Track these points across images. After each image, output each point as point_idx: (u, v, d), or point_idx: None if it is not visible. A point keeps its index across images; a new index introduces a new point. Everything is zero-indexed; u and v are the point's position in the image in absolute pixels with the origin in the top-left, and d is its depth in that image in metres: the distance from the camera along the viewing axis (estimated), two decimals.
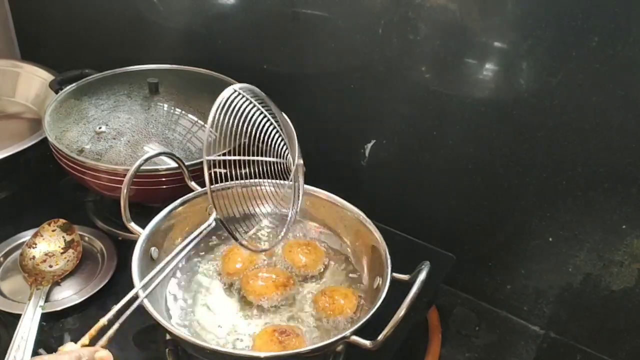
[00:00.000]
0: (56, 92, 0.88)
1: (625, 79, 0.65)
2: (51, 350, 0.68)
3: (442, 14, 0.73)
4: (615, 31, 0.64)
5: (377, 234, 0.66)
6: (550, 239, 0.79)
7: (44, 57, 1.13)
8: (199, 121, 0.82)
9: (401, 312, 0.55)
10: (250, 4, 0.90)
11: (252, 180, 0.66)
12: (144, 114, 0.82)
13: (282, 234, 0.61)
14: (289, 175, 0.61)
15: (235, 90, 0.57)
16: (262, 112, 0.59)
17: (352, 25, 0.81)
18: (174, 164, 0.71)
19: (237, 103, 0.57)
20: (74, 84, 0.88)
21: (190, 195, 0.71)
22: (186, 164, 0.71)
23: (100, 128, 0.80)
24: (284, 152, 0.61)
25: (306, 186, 0.74)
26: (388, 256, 0.63)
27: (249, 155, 0.60)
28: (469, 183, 0.82)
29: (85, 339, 0.49)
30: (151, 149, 0.77)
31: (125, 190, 0.64)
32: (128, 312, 0.51)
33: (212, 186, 0.57)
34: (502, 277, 0.86)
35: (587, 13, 0.64)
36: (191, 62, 0.94)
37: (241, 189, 0.61)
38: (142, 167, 0.65)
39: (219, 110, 0.55)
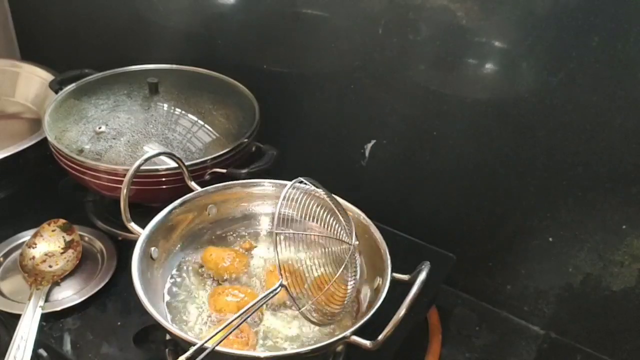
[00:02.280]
0: (56, 92, 0.88)
1: (625, 79, 0.65)
2: (51, 350, 0.68)
3: (442, 14, 0.73)
4: (615, 31, 0.64)
5: (377, 234, 0.66)
6: (551, 239, 0.79)
7: (44, 57, 1.13)
8: (199, 121, 0.82)
9: (401, 312, 0.55)
10: (250, 4, 0.90)
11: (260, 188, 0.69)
12: (144, 114, 0.82)
13: (340, 307, 0.61)
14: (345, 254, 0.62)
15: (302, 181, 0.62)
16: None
17: (352, 25, 0.81)
18: (174, 164, 0.71)
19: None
20: (73, 84, 0.88)
21: (190, 195, 0.71)
22: (186, 164, 0.71)
23: (100, 128, 0.80)
24: (341, 235, 0.63)
25: (306, 186, 0.73)
26: (388, 256, 0.63)
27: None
28: (469, 183, 0.82)
29: None
30: (151, 149, 0.77)
31: (125, 190, 0.64)
32: None
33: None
34: (503, 277, 0.86)
35: (587, 13, 0.64)
36: (191, 62, 0.94)
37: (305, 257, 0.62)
38: (142, 167, 0.65)
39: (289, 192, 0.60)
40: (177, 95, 0.85)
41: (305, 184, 0.62)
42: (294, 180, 0.62)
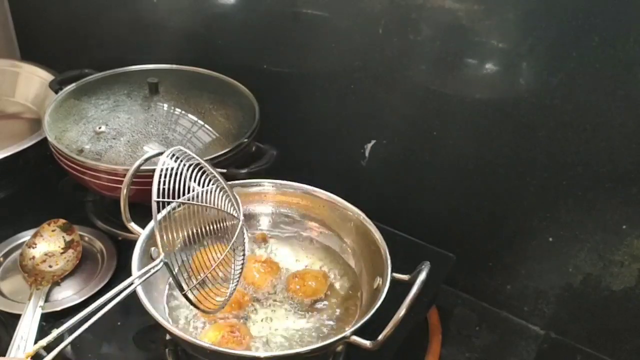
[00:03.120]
0: (56, 92, 0.88)
1: (625, 79, 0.65)
2: (51, 350, 0.68)
3: (443, 14, 0.73)
4: (615, 31, 0.64)
5: (377, 234, 0.66)
6: (551, 239, 0.79)
7: (44, 57, 1.13)
8: (199, 121, 0.82)
9: (401, 312, 0.55)
10: (250, 4, 0.90)
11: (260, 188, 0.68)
12: (144, 114, 0.82)
13: (229, 292, 0.58)
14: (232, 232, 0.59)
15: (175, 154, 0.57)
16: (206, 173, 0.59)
17: (352, 25, 0.81)
18: None
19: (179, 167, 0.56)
20: (73, 84, 0.88)
21: None
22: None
23: (100, 128, 0.80)
24: (229, 208, 0.60)
25: (306, 186, 0.74)
26: (388, 256, 0.63)
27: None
28: (469, 183, 0.82)
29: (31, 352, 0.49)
30: (151, 149, 0.77)
31: (125, 190, 0.64)
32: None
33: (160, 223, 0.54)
34: (503, 277, 0.86)
35: (587, 13, 0.64)
36: (191, 62, 0.94)
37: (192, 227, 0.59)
38: (142, 167, 0.65)
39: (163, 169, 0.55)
40: (177, 95, 0.85)
41: (185, 152, 0.58)
42: (172, 149, 0.57)
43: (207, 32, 0.97)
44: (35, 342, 0.64)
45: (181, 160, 0.57)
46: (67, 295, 0.73)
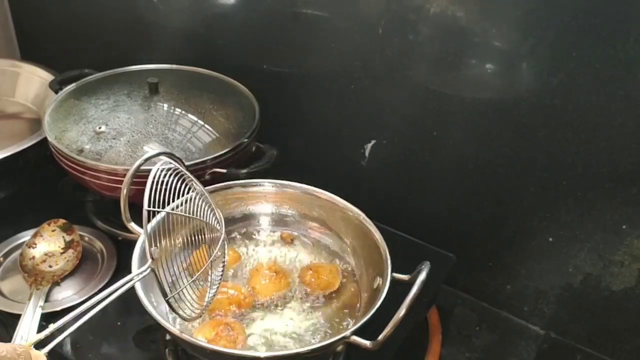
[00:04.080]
0: (56, 92, 0.88)
1: (625, 79, 0.65)
2: (51, 350, 0.68)
3: (443, 14, 0.73)
4: (615, 31, 0.64)
5: (377, 234, 0.66)
6: (551, 239, 0.79)
7: (44, 57, 1.13)
8: (199, 121, 0.82)
9: (401, 312, 0.55)
10: (250, 4, 0.90)
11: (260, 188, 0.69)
12: (144, 114, 0.82)
13: (208, 300, 0.59)
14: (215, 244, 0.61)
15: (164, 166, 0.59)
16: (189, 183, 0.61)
17: (352, 25, 0.81)
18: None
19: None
20: (73, 84, 0.88)
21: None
22: (186, 164, 0.71)
23: (100, 128, 0.80)
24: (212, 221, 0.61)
25: (306, 186, 0.74)
26: (388, 256, 0.63)
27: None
28: (469, 183, 0.82)
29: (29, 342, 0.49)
30: (151, 149, 0.77)
31: (125, 190, 0.64)
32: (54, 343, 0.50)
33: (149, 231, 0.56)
34: (503, 277, 0.86)
35: (587, 13, 0.64)
36: (191, 62, 0.94)
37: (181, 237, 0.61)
38: (142, 167, 0.65)
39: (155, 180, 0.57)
40: (177, 95, 0.85)
41: (172, 164, 0.60)
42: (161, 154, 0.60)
43: (207, 32, 0.97)
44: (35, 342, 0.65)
45: (172, 173, 0.59)
46: (67, 295, 0.73)
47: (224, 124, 0.82)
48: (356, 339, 0.55)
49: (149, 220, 0.55)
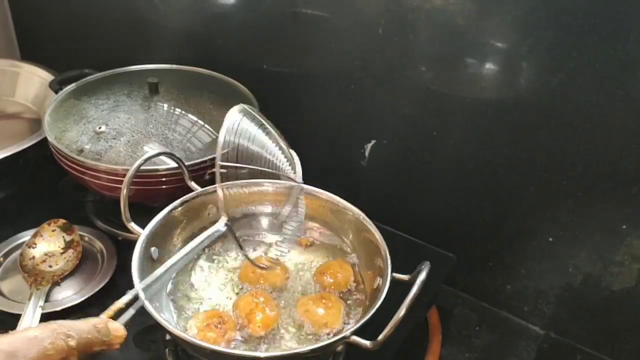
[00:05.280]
0: (56, 92, 0.88)
1: (625, 79, 0.65)
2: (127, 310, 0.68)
3: (443, 15, 0.73)
4: (615, 31, 0.64)
5: (377, 234, 0.66)
6: (551, 239, 0.79)
7: (44, 57, 1.13)
8: (199, 121, 0.82)
9: (401, 312, 0.55)
10: (250, 4, 0.90)
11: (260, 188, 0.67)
12: (144, 114, 0.82)
13: (286, 251, 0.60)
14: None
15: (244, 109, 0.59)
16: (267, 131, 0.61)
17: (352, 25, 0.81)
18: (173, 164, 0.71)
19: (243, 123, 0.59)
20: (73, 84, 0.88)
21: (190, 195, 0.71)
22: (186, 164, 0.71)
23: (100, 128, 0.80)
24: (287, 171, 0.61)
25: (306, 186, 0.74)
26: (388, 256, 0.63)
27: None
28: (469, 183, 0.82)
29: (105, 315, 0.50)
30: (151, 149, 0.77)
31: (125, 190, 0.64)
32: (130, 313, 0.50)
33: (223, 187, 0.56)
34: (503, 277, 0.86)
35: (587, 13, 0.64)
36: (191, 62, 0.94)
37: (249, 193, 0.61)
38: (142, 167, 0.65)
39: (230, 125, 0.57)
40: (177, 95, 0.85)
41: (249, 109, 0.60)
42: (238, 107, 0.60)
43: (207, 32, 0.97)
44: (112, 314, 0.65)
45: (243, 118, 0.59)
46: (67, 295, 0.73)
47: None
48: (356, 339, 0.55)
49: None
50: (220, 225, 0.55)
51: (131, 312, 0.50)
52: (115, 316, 0.50)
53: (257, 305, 0.62)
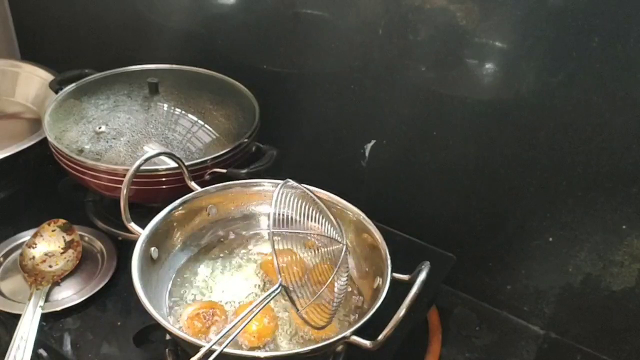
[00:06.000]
0: (56, 92, 0.88)
1: (625, 79, 0.65)
2: (51, 350, 0.68)
3: (442, 15, 0.73)
4: (615, 31, 0.64)
5: (377, 234, 0.66)
6: (551, 239, 0.79)
7: (44, 57, 1.13)
8: (199, 121, 0.82)
9: (401, 312, 0.55)
10: (250, 4, 0.90)
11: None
12: (144, 114, 0.82)
13: (333, 308, 0.61)
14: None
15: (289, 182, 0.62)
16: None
17: (352, 25, 0.81)
18: (173, 164, 0.71)
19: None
20: (73, 84, 0.88)
21: (190, 195, 0.71)
22: (186, 164, 0.71)
23: (100, 128, 0.80)
24: (333, 234, 0.63)
25: (306, 186, 0.74)
26: (388, 256, 0.63)
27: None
28: (469, 183, 0.82)
29: None
30: (151, 149, 0.77)
31: (125, 190, 0.64)
32: None
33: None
34: (503, 277, 0.86)
35: (587, 13, 0.64)
36: (191, 62, 0.94)
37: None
38: (142, 167, 0.65)
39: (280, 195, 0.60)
40: (177, 95, 0.85)
41: (293, 184, 0.62)
42: (283, 181, 0.62)
43: (207, 32, 0.97)
44: (35, 343, 0.65)
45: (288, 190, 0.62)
46: (67, 295, 0.73)
47: (224, 124, 0.82)
48: (356, 338, 0.55)
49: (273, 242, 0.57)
50: (277, 286, 0.56)
51: None
52: None
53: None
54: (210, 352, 0.51)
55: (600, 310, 0.79)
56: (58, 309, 0.71)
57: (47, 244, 0.79)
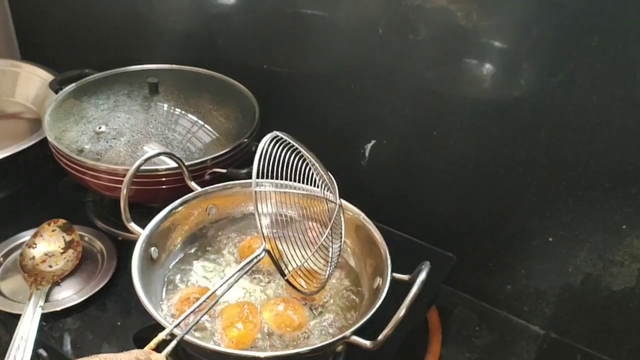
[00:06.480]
0: (56, 92, 0.88)
1: (625, 79, 0.65)
2: (51, 350, 0.68)
3: (443, 14, 0.73)
4: (615, 31, 0.64)
5: (377, 234, 0.66)
6: (551, 239, 0.79)
7: (44, 57, 1.13)
8: (199, 121, 0.82)
9: (401, 312, 0.55)
10: (250, 4, 0.90)
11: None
12: (144, 114, 0.82)
13: (327, 274, 0.59)
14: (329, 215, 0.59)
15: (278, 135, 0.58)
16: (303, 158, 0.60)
17: (352, 25, 0.81)
18: (173, 164, 0.71)
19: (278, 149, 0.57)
20: (73, 84, 0.88)
21: (190, 195, 0.71)
22: (186, 164, 0.71)
23: (100, 128, 0.80)
24: (325, 193, 0.60)
25: (306, 186, 0.74)
26: (388, 256, 0.63)
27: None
28: (469, 183, 0.82)
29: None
30: (151, 149, 0.77)
31: (125, 190, 0.64)
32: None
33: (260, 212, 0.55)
34: (503, 277, 0.86)
35: (587, 13, 0.64)
36: (191, 62, 0.94)
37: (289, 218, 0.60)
38: (142, 167, 0.65)
39: (266, 146, 0.56)
40: (177, 95, 0.85)
41: (282, 136, 0.58)
42: (271, 134, 0.58)
43: (207, 32, 0.97)
44: (35, 343, 0.65)
45: (279, 144, 0.57)
46: (67, 295, 0.73)
47: (224, 124, 0.82)
48: (356, 339, 0.55)
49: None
50: (260, 252, 0.54)
51: (173, 343, 0.50)
52: (158, 348, 0.50)
53: (239, 318, 0.61)
54: (172, 335, 0.51)
55: (600, 310, 0.79)
56: (58, 309, 0.71)
57: (47, 244, 0.79)
